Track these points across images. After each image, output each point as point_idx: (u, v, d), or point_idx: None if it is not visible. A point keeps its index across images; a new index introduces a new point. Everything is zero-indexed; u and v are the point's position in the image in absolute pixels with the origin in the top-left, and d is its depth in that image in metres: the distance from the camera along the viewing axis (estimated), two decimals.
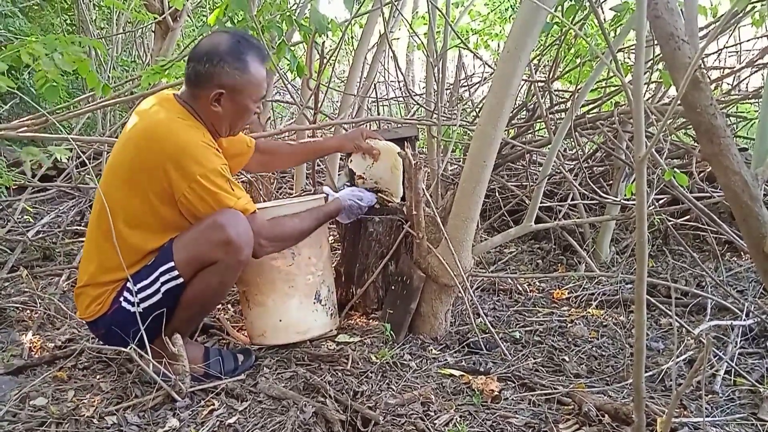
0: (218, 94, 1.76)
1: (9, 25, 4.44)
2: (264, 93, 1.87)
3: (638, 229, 1.13)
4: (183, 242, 1.74)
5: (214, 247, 1.71)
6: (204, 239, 1.72)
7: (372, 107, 5.15)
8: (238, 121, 1.85)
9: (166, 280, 1.73)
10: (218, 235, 1.70)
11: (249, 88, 1.79)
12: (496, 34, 5.29)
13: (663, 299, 2.53)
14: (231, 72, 1.75)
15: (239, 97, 1.79)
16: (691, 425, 1.59)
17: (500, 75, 1.94)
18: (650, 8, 1.20)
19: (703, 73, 1.20)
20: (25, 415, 1.61)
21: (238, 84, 1.77)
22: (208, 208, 1.72)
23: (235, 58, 1.75)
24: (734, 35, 4.00)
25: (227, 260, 1.73)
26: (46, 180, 3.94)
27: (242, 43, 1.78)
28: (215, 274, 1.75)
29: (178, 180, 1.68)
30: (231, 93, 1.77)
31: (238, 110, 1.82)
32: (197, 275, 1.75)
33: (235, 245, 1.71)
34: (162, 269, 1.74)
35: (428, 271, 2.12)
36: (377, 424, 1.57)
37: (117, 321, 1.76)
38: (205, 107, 1.80)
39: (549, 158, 2.31)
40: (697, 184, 3.03)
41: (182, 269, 1.73)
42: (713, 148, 1.24)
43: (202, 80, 1.76)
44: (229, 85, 1.76)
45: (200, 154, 1.70)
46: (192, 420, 1.60)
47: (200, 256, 1.72)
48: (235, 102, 1.79)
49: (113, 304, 1.76)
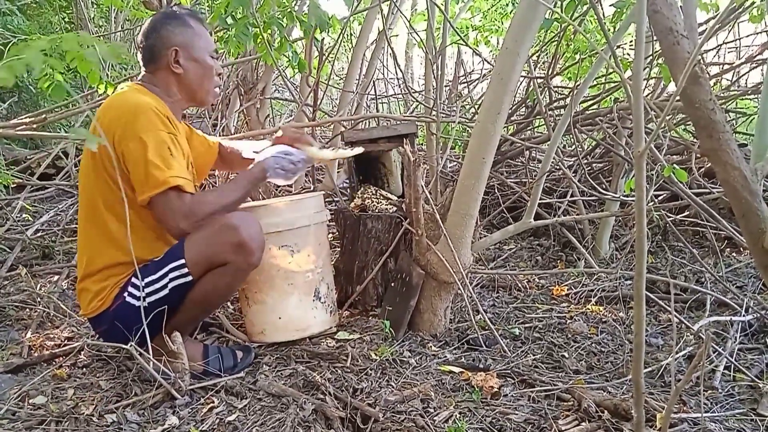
0: (174, 52, 1.81)
1: (8, 23, 4.42)
2: (214, 47, 1.90)
3: (637, 224, 1.13)
4: (195, 241, 1.75)
5: (226, 248, 1.72)
6: (216, 240, 1.73)
7: (371, 104, 5.15)
8: (203, 79, 1.87)
9: (175, 276, 1.74)
10: (231, 236, 1.72)
11: (198, 39, 1.84)
12: (496, 30, 5.28)
13: (662, 295, 2.53)
14: (176, 30, 1.82)
15: (193, 51, 1.84)
16: (691, 421, 1.59)
17: (499, 71, 1.93)
18: (649, 3, 1.19)
19: (702, 68, 1.20)
20: (24, 413, 1.61)
21: (188, 38, 1.83)
22: (138, 174, 1.67)
23: (174, 18, 1.83)
24: (734, 31, 4.00)
25: (238, 262, 1.75)
26: (45, 178, 3.94)
27: (175, 9, 1.87)
28: (224, 276, 1.76)
29: (122, 136, 1.67)
30: (185, 49, 1.82)
31: (198, 65, 1.85)
32: (206, 275, 1.76)
33: (247, 248, 1.74)
34: (172, 265, 1.74)
35: (427, 268, 2.12)
36: (377, 421, 1.57)
37: (120, 316, 1.76)
38: (168, 76, 1.83)
39: (548, 155, 2.31)
40: (697, 180, 3.03)
41: (192, 267, 1.73)
42: (712, 144, 1.23)
43: (155, 51, 1.82)
44: (180, 42, 1.82)
45: (149, 116, 1.69)
46: (192, 418, 1.60)
47: (211, 256, 1.73)
48: (193, 58, 1.84)
49: (116, 299, 1.76)
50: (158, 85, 1.84)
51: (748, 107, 4.13)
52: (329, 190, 3.30)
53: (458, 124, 3.51)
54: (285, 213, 2.04)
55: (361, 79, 4.28)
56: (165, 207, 1.69)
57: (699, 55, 1.15)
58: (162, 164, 1.66)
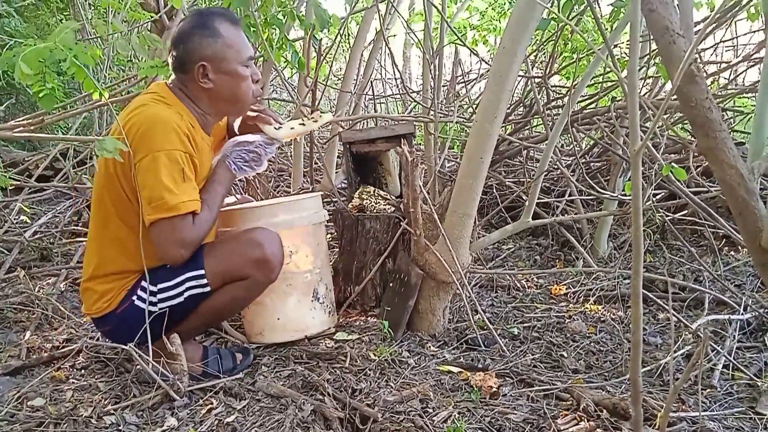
0: (201, 67, 1.72)
1: (5, 25, 4.43)
2: (250, 53, 1.79)
3: (634, 222, 1.13)
4: (216, 253, 1.75)
5: (248, 263, 1.74)
6: (239, 254, 1.74)
7: (369, 104, 5.15)
8: (237, 90, 1.78)
9: (193, 286, 1.74)
10: (255, 252, 1.74)
11: (228, 51, 1.73)
12: (493, 29, 5.29)
13: (660, 294, 2.54)
14: (203, 42, 1.71)
15: (223, 64, 1.73)
16: (689, 419, 1.59)
17: (496, 71, 1.94)
18: (645, 2, 1.19)
19: (699, 67, 1.20)
20: (23, 415, 1.60)
21: (216, 50, 1.72)
22: (145, 191, 1.62)
23: (204, 28, 1.72)
24: (731, 29, 4.00)
25: (258, 278, 1.77)
26: (43, 180, 3.93)
27: (205, 14, 1.76)
28: (243, 290, 1.78)
29: (136, 149, 1.62)
30: (213, 62, 1.73)
31: (229, 78, 1.76)
32: (225, 287, 1.76)
33: (270, 265, 1.76)
34: (190, 275, 1.74)
35: (426, 268, 2.12)
36: (376, 422, 1.57)
37: (127, 319, 1.75)
38: (197, 90, 1.76)
39: (546, 154, 2.31)
40: (695, 179, 3.03)
41: (211, 279, 1.74)
42: (709, 142, 1.23)
43: (184, 63, 1.73)
44: (209, 55, 1.72)
45: (167, 133, 1.63)
46: (190, 419, 1.60)
47: (233, 270, 1.74)
48: (221, 70, 1.74)
49: (124, 301, 1.76)
50: (189, 95, 1.77)
51: (745, 106, 4.14)
52: (327, 190, 3.30)
53: (456, 124, 3.51)
54: (283, 213, 2.04)
55: (358, 80, 4.28)
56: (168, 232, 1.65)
57: (695, 54, 1.15)
58: (174, 188, 1.62)
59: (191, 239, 1.68)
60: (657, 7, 1.19)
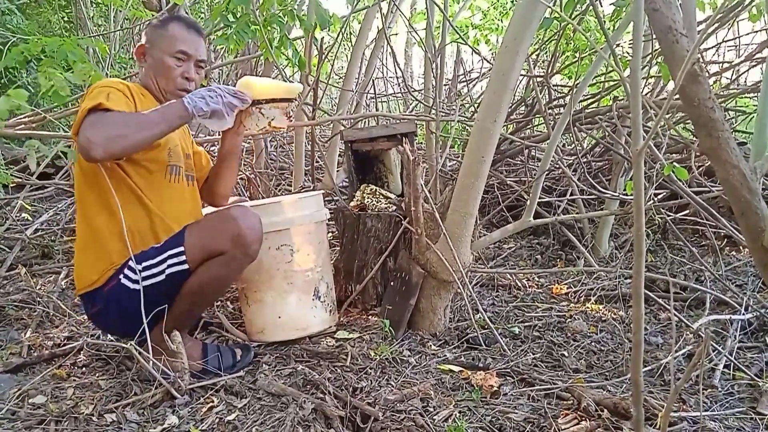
0: (142, 47, 1.91)
1: (6, 22, 4.43)
2: (180, 48, 1.88)
3: (636, 222, 1.13)
4: (195, 229, 1.78)
5: (223, 238, 1.74)
6: (215, 229, 1.76)
7: (370, 103, 5.15)
8: (158, 75, 1.89)
9: (173, 263, 1.75)
10: (229, 226, 1.75)
11: (162, 41, 1.89)
12: (495, 28, 5.28)
13: (662, 294, 2.54)
14: (150, 31, 1.92)
15: (153, 50, 1.89)
16: (690, 419, 1.59)
17: (498, 70, 1.93)
18: (648, 1, 1.19)
19: (701, 67, 1.20)
20: (24, 413, 1.61)
21: (154, 38, 1.90)
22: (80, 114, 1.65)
23: (158, 23, 1.94)
24: (733, 29, 3.99)
25: (234, 253, 1.76)
26: (44, 178, 3.94)
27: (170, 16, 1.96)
28: (221, 266, 1.77)
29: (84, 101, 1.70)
30: (149, 48, 1.90)
31: (155, 63, 1.89)
32: (203, 264, 1.76)
33: (246, 240, 1.75)
34: (171, 252, 1.76)
35: (427, 267, 2.12)
36: (376, 420, 1.57)
37: (114, 298, 1.76)
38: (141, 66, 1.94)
39: (548, 153, 2.31)
40: (696, 179, 3.03)
41: (190, 255, 1.75)
42: (711, 142, 1.23)
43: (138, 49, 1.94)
44: (148, 39, 1.91)
45: (105, 82, 1.77)
46: (191, 417, 1.60)
47: (209, 245, 1.75)
48: (152, 56, 1.90)
49: (111, 279, 1.77)
50: (142, 78, 1.93)
51: (747, 105, 4.13)
52: (329, 189, 3.30)
53: (458, 123, 3.51)
54: (284, 212, 2.04)
55: (360, 78, 4.28)
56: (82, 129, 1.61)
57: (698, 54, 1.15)
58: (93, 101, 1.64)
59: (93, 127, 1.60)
60: (660, 7, 1.18)
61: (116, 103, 1.68)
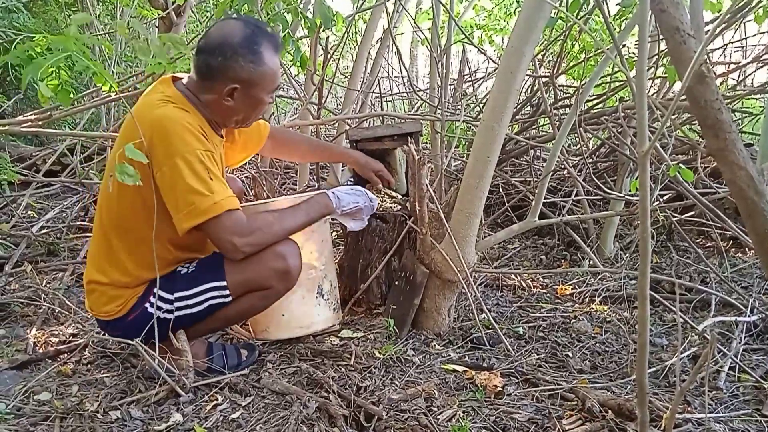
0: (232, 89, 1.69)
1: (13, 20, 4.44)
2: (278, 84, 1.77)
3: (641, 223, 1.13)
4: (238, 264, 1.74)
5: (272, 274, 1.75)
6: (263, 266, 1.74)
7: (376, 102, 5.15)
8: (251, 113, 1.78)
9: (215, 296, 1.76)
10: (279, 264, 1.75)
11: (264, 81, 1.71)
12: (500, 29, 5.27)
13: (667, 295, 2.53)
14: (245, 65, 1.67)
15: (253, 90, 1.71)
16: (695, 421, 1.59)
17: (504, 70, 1.93)
18: (655, 2, 1.19)
19: (708, 68, 1.19)
20: (29, 409, 1.61)
21: (254, 77, 1.69)
22: (176, 201, 1.61)
23: (249, 50, 1.67)
24: (740, 30, 3.98)
25: (279, 288, 1.80)
26: (50, 175, 3.95)
27: (256, 32, 1.69)
28: (263, 299, 1.81)
29: (161, 155, 1.59)
30: (245, 87, 1.69)
31: (251, 103, 1.74)
32: (245, 296, 1.78)
33: (291, 276, 1.79)
34: (211, 285, 1.75)
35: (431, 266, 2.12)
36: (380, 420, 1.57)
37: (138, 326, 1.75)
38: (217, 101, 1.72)
39: (553, 154, 2.30)
40: (702, 180, 3.02)
41: (233, 290, 1.76)
42: (718, 143, 1.23)
43: (215, 74, 1.68)
44: (244, 79, 1.68)
45: (183, 135, 1.60)
46: (195, 415, 1.60)
47: (256, 281, 1.76)
48: (249, 95, 1.72)
49: (135, 308, 1.76)
50: (201, 99, 1.74)
51: (754, 107, 4.12)
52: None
53: (463, 123, 3.50)
54: None
55: (365, 78, 4.28)
56: (218, 232, 1.64)
57: (705, 55, 1.14)
58: (203, 189, 1.59)
59: (243, 231, 1.65)
60: (668, 7, 1.18)
61: (222, 191, 1.62)
